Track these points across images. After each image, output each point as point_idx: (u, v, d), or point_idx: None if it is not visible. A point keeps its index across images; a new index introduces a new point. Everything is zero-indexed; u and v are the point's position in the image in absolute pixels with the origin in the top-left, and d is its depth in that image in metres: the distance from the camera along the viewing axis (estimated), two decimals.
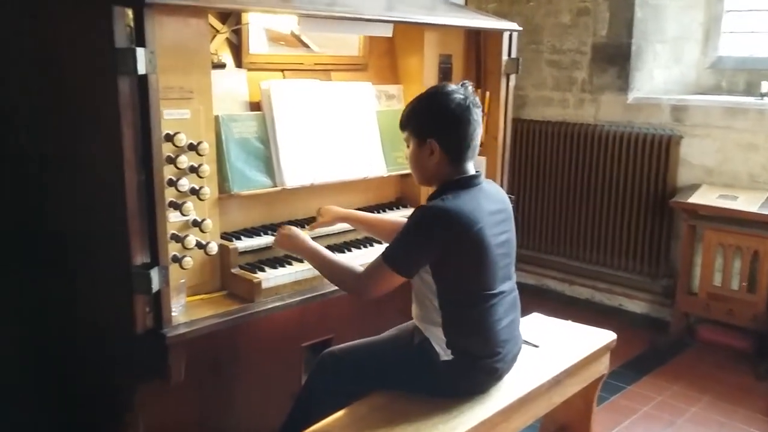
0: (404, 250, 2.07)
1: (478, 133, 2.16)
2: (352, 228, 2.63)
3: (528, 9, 4.89)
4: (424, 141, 2.14)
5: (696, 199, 4.01)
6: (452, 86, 2.17)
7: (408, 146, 2.22)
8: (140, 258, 1.92)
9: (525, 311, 2.97)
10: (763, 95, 4.09)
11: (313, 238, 2.46)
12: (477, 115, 2.13)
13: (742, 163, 4.07)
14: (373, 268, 2.10)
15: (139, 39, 1.83)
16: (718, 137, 4.13)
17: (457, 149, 2.12)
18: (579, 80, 4.72)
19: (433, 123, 2.13)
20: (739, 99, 4.19)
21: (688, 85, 4.66)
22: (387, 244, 2.15)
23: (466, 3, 4.46)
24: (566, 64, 4.76)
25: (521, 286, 2.35)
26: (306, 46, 2.73)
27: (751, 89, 4.34)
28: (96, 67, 1.89)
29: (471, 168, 2.18)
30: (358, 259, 2.51)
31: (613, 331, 2.72)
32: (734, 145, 4.09)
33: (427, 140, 2.13)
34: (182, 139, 2.05)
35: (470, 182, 2.14)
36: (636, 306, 4.57)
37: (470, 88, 2.19)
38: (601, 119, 4.61)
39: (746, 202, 3.85)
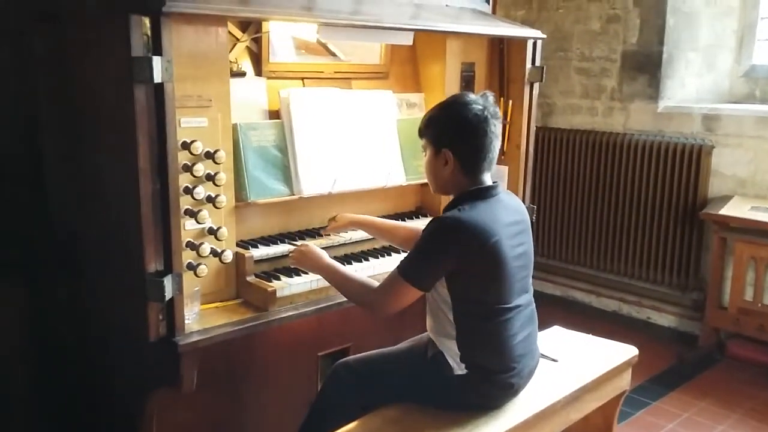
0: (420, 263, 2.04)
1: (496, 145, 2.12)
2: (369, 237, 2.61)
3: (557, 16, 4.83)
4: (439, 150, 2.11)
5: (727, 210, 3.91)
6: (472, 96, 2.14)
7: (425, 154, 2.19)
8: (154, 265, 1.92)
9: (550, 322, 2.95)
10: None
11: (330, 248, 2.46)
12: (495, 126, 2.09)
13: None
14: (389, 282, 2.07)
15: (156, 48, 1.83)
16: (751, 147, 4.03)
17: (472, 160, 2.09)
18: (608, 88, 4.65)
19: (448, 133, 2.10)
20: None
21: (720, 94, 4.57)
22: (404, 253, 2.13)
23: (493, 10, 4.41)
24: (595, 71, 4.70)
25: (547, 297, 2.32)
26: (333, 54, 2.72)
27: None
28: (113, 76, 1.91)
29: (488, 179, 2.15)
30: (375, 269, 2.51)
31: (641, 344, 2.66)
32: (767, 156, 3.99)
33: (443, 150, 2.10)
34: (199, 147, 2.06)
35: (487, 193, 2.11)
36: (664, 319, 4.48)
37: (491, 99, 2.15)
38: (631, 128, 4.54)
39: None
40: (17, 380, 2.43)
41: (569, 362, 2.48)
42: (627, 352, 2.60)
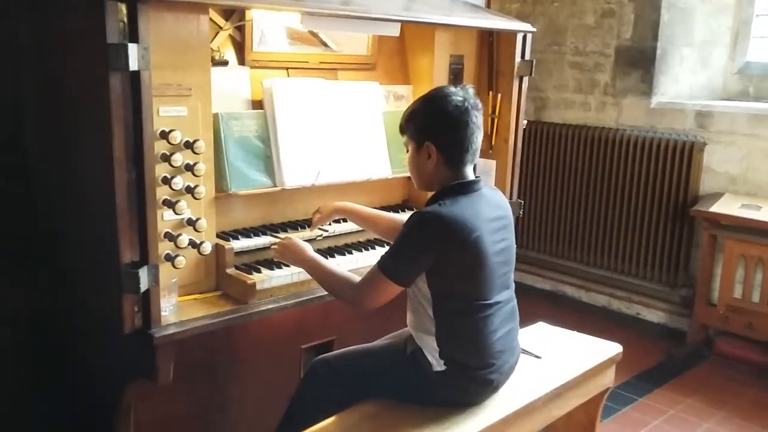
0: (400, 258, 2.02)
1: (478, 136, 2.09)
2: (352, 230, 2.59)
3: (552, 9, 4.79)
4: (421, 144, 2.09)
5: (718, 208, 3.89)
6: (451, 89, 2.11)
7: (407, 150, 2.17)
8: (129, 256, 1.89)
9: (539, 317, 2.93)
10: None
11: (313, 241, 2.44)
12: (476, 118, 2.07)
13: (767, 173, 3.94)
14: (369, 278, 2.05)
15: (132, 35, 1.81)
16: (743, 145, 4.01)
17: (455, 153, 2.07)
18: (601, 83, 4.62)
19: (430, 126, 2.08)
20: (766, 106, 4.06)
21: (714, 90, 4.54)
22: (387, 246, 2.10)
23: (488, 3, 4.37)
24: (589, 66, 4.67)
25: (537, 292, 2.30)
26: (324, 44, 2.69)
27: None
28: (90, 63, 1.87)
29: (470, 173, 2.12)
30: (359, 262, 2.49)
31: (629, 339, 2.65)
32: (760, 154, 3.96)
33: (425, 143, 2.08)
34: (177, 137, 2.03)
35: (469, 187, 2.08)
36: (653, 315, 4.46)
37: (471, 91, 2.12)
38: (623, 123, 4.51)
39: None
40: None
41: (552, 359, 2.46)
42: (611, 349, 2.58)
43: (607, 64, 4.58)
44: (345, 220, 2.60)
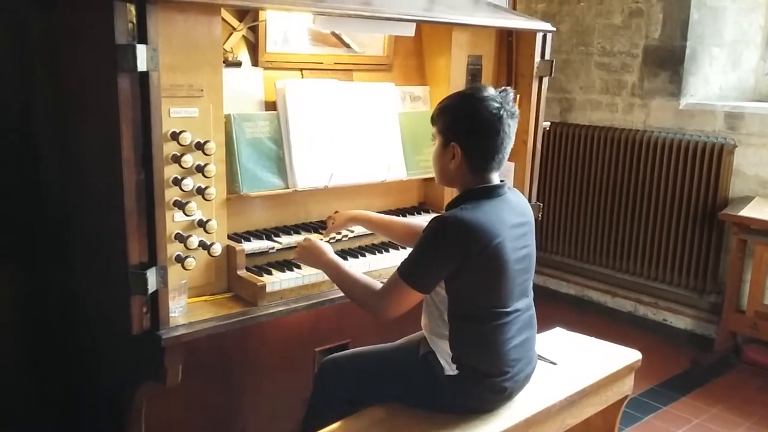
0: (421, 264, 1.97)
1: (507, 145, 2.03)
2: (365, 233, 2.56)
3: (578, 9, 4.72)
4: (448, 142, 2.03)
5: (748, 212, 3.78)
6: (491, 91, 2.02)
7: (434, 142, 2.11)
8: (137, 258, 1.89)
9: (563, 322, 2.88)
10: None
11: (330, 243, 2.42)
12: (509, 127, 2.00)
13: None
14: (389, 285, 2.01)
15: (141, 36, 1.80)
16: None
17: (481, 159, 2.01)
18: (629, 84, 4.53)
19: (460, 127, 2.01)
20: None
21: (745, 91, 4.42)
22: (404, 251, 2.06)
23: (515, 4, 4.31)
24: (616, 66, 4.58)
25: (562, 296, 2.24)
26: (347, 45, 2.67)
27: None
28: (99, 64, 1.88)
29: (495, 177, 2.07)
30: (371, 265, 2.46)
31: (656, 346, 2.58)
32: None
33: (451, 143, 2.02)
34: (188, 138, 2.02)
35: (494, 192, 2.03)
36: (680, 321, 4.36)
37: (510, 96, 2.04)
38: (651, 125, 4.42)
39: None
40: (6, 367, 2.42)
41: (568, 365, 2.40)
42: (629, 356, 2.51)
43: (634, 65, 4.49)
44: None
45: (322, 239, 2.43)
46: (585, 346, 2.58)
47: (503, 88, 2.07)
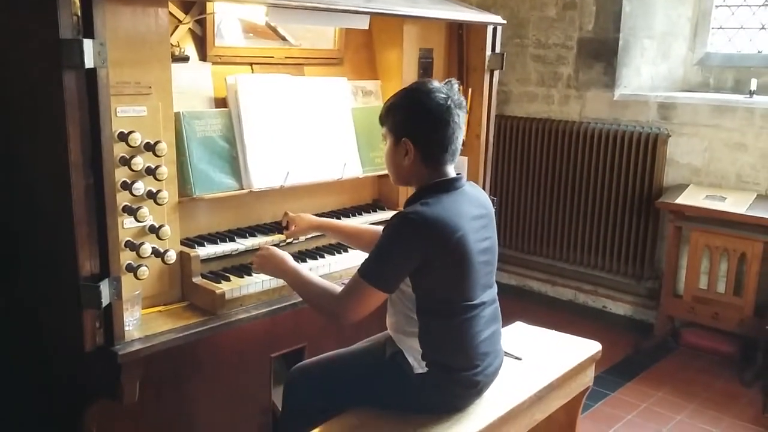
0: (382, 263, 1.92)
1: (459, 136, 2.01)
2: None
3: (513, 2, 4.75)
4: (399, 139, 2.00)
5: (683, 199, 3.90)
6: (435, 84, 2.01)
7: (385, 142, 2.07)
8: (89, 269, 1.76)
9: (507, 312, 2.85)
10: (751, 93, 3.98)
11: (285, 245, 2.33)
12: (459, 117, 1.98)
13: (730, 163, 3.97)
14: (350, 287, 1.94)
15: (87, 30, 1.67)
16: (706, 136, 4.03)
17: (433, 152, 1.98)
18: (564, 76, 4.59)
19: (409, 122, 1.98)
20: (728, 97, 4.09)
21: (675, 81, 4.55)
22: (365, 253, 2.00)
23: None
24: (551, 59, 4.63)
25: (503, 287, 2.22)
26: (282, 38, 2.57)
27: (740, 87, 4.24)
28: (40, 61, 1.73)
29: (451, 170, 2.04)
30: (331, 267, 2.39)
31: (597, 333, 2.60)
32: (722, 145, 3.99)
33: (403, 139, 1.98)
34: (137, 139, 1.89)
35: (451, 185, 2.00)
36: (620, 308, 4.47)
37: (455, 87, 2.03)
38: (587, 116, 4.50)
39: (734, 203, 3.76)
40: None
41: (533, 360, 2.40)
42: (590, 347, 2.53)
43: (569, 57, 4.55)
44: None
45: (283, 241, 2.34)
46: (546, 340, 2.58)
47: (448, 80, 2.06)
